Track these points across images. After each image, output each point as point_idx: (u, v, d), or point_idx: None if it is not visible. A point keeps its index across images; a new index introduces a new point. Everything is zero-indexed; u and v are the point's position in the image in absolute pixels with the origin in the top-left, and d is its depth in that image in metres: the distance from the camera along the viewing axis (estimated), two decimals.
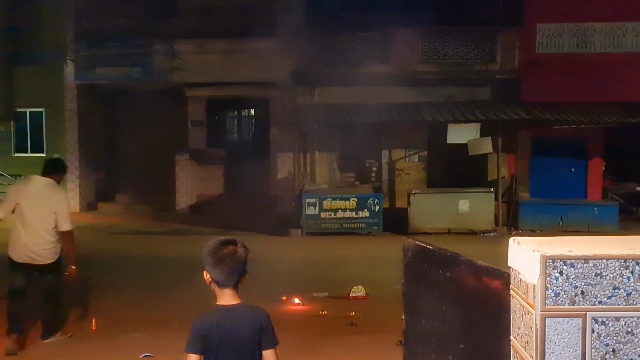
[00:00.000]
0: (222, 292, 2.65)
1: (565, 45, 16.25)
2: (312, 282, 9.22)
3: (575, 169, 16.61)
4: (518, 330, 1.66)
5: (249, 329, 2.61)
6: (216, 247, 2.63)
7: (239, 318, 2.63)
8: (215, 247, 2.63)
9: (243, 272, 2.69)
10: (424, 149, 16.92)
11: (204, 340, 2.59)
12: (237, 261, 2.64)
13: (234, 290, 2.66)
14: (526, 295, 1.58)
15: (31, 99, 17.79)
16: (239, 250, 2.66)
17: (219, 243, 2.65)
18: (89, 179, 18.61)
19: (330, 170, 17.13)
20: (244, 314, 2.65)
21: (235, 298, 2.67)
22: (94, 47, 17.40)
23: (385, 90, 16.52)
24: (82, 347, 6.27)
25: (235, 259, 2.63)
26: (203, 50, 17.13)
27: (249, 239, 12.12)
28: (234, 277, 2.65)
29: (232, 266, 2.62)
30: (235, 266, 2.63)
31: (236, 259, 2.64)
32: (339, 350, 6.12)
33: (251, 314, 2.67)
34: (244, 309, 2.67)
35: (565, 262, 1.49)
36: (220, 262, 2.60)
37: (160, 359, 5.85)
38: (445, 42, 16.68)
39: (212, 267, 2.62)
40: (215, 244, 2.64)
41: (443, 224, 14.74)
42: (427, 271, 2.58)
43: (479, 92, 16.62)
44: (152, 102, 18.06)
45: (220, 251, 2.62)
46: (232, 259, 2.62)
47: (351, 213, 14.89)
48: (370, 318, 7.22)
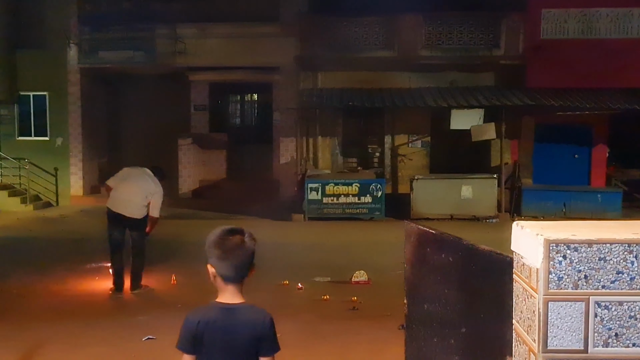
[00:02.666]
0: (226, 288, 2.40)
1: (571, 31, 16.13)
2: (314, 267, 9.25)
3: (579, 155, 16.55)
4: (521, 314, 1.66)
5: (248, 334, 2.38)
6: (222, 238, 2.37)
7: (239, 320, 2.39)
8: (221, 237, 2.37)
9: (251, 266, 2.43)
10: (427, 135, 16.88)
11: (195, 339, 2.35)
12: (245, 253, 2.39)
13: (239, 287, 2.42)
14: (529, 279, 1.58)
15: (34, 83, 17.76)
16: (247, 241, 2.40)
17: (225, 233, 2.38)
18: (91, 162, 18.62)
19: (332, 155, 17.11)
20: (245, 316, 2.40)
21: (238, 296, 2.42)
22: (97, 30, 17.34)
23: (388, 75, 16.47)
24: (84, 328, 6.31)
25: (243, 250, 2.38)
26: (206, 35, 17.05)
27: (251, 223, 12.26)
28: (242, 271, 2.40)
29: (239, 259, 2.37)
30: (243, 259, 2.38)
31: (244, 251, 2.39)
32: (341, 334, 6.15)
33: (253, 317, 2.42)
34: (246, 309, 2.41)
35: (569, 246, 1.49)
36: (226, 255, 2.35)
37: (163, 341, 5.88)
38: (449, 27, 16.57)
39: (218, 259, 2.35)
40: (221, 233, 2.38)
41: (445, 209, 14.74)
42: (430, 255, 2.58)
43: (483, 77, 16.54)
44: (154, 86, 18.05)
45: (227, 242, 2.36)
46: (240, 251, 2.37)
47: (353, 198, 14.90)
48: (372, 303, 7.25)
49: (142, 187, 7.72)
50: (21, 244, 12.01)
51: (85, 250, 10.93)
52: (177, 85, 17.89)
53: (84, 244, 11.67)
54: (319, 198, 14.88)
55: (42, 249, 11.54)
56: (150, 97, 18.36)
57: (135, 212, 7.70)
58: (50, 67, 17.64)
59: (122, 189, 7.78)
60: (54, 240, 12.38)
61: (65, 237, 12.77)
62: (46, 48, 17.53)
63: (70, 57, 17.69)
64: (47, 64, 17.61)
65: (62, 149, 17.96)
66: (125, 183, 7.80)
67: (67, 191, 17.91)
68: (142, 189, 7.71)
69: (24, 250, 11.32)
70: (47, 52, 17.54)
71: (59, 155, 17.86)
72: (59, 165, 17.73)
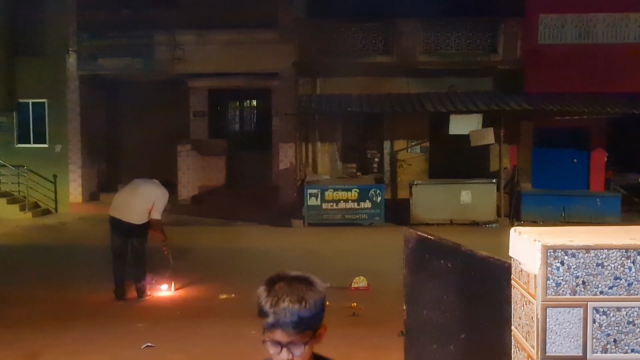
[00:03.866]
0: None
1: (568, 36, 16.18)
2: (314, 273, 9.11)
3: (577, 159, 16.57)
4: (519, 320, 1.66)
5: None
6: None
7: None
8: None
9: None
10: (426, 140, 16.89)
11: None
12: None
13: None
14: (527, 285, 1.58)
15: (33, 90, 17.76)
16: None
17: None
18: (91, 169, 18.62)
19: (332, 161, 17.12)
20: None
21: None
22: (96, 37, 17.37)
23: (387, 80, 16.49)
24: (84, 336, 6.30)
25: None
26: (204, 41, 17.09)
27: (251, 229, 12.24)
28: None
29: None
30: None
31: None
32: (340, 340, 6.13)
33: None
34: None
35: (566, 252, 1.49)
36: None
37: (161, 349, 5.87)
38: (447, 33, 16.62)
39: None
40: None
41: (445, 215, 14.74)
42: (429, 261, 2.58)
43: (481, 82, 16.57)
44: (153, 93, 18.06)
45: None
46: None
47: (353, 204, 14.90)
48: (372, 309, 7.24)
49: (143, 194, 7.76)
50: (20, 251, 11.99)
51: (84, 258, 10.93)
52: (176, 92, 17.91)
53: (83, 252, 11.66)
54: (319, 204, 14.88)
55: (41, 256, 11.52)
56: (149, 104, 18.37)
57: (133, 217, 7.69)
58: (49, 75, 17.65)
59: (123, 195, 7.95)
60: (54, 248, 12.37)
61: (65, 245, 12.76)
62: (45, 55, 17.55)
63: (69, 64, 17.71)
64: (46, 71, 17.63)
65: (61, 156, 17.95)
66: (127, 190, 7.97)
67: (66, 198, 17.89)
68: (142, 195, 7.75)
69: (23, 258, 11.31)
70: (46, 59, 17.56)
71: (58, 162, 17.85)
72: (58, 172, 17.72)
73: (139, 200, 7.71)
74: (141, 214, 7.72)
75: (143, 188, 7.85)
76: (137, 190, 7.84)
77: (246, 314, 7.00)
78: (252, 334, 6.32)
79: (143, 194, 7.75)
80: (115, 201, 7.92)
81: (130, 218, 7.68)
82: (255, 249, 11.88)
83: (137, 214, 7.70)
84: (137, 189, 7.87)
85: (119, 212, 7.73)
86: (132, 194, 7.83)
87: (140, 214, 7.71)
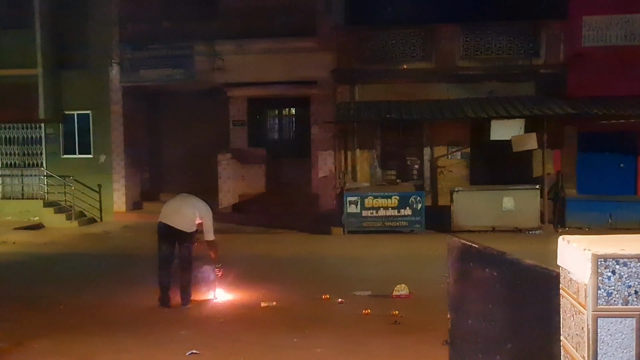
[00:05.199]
0: None
1: (613, 38, 15.82)
2: (354, 281, 9.21)
3: (624, 164, 16.13)
4: (569, 330, 1.62)
5: None
6: None
7: None
8: None
9: None
10: (467, 146, 16.70)
11: None
12: None
13: None
14: (577, 295, 1.55)
15: (78, 102, 18.21)
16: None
17: None
18: (134, 178, 18.97)
19: (371, 168, 17.07)
20: None
21: None
22: (138, 49, 17.74)
23: (426, 86, 16.39)
24: (130, 343, 6.40)
25: None
26: (243, 51, 17.28)
27: (290, 237, 12.33)
28: None
29: None
30: None
31: None
32: (383, 349, 6.10)
33: None
34: None
35: (617, 261, 1.45)
36: None
37: (205, 356, 5.93)
38: (487, 37, 16.43)
39: None
40: None
41: (487, 221, 14.54)
42: (473, 270, 2.54)
43: (523, 87, 16.32)
44: (194, 103, 18.34)
45: None
46: None
47: (393, 211, 14.82)
48: (414, 317, 7.18)
49: (194, 204, 8.12)
50: (67, 259, 12.29)
51: (129, 265, 11.13)
52: (215, 101, 18.13)
53: (127, 259, 11.88)
54: (358, 211, 14.85)
55: (87, 264, 11.79)
56: (189, 114, 18.65)
57: (184, 225, 7.94)
58: (93, 87, 18.08)
59: (173, 203, 8.28)
60: (99, 256, 12.64)
61: (110, 253, 13.02)
62: (89, 68, 17.99)
63: (112, 76, 18.11)
64: (90, 83, 18.07)
65: (105, 166, 18.35)
66: (177, 199, 8.35)
67: (110, 207, 18.28)
68: (193, 205, 8.10)
69: (71, 266, 11.58)
70: (90, 71, 17.99)
71: (102, 172, 18.25)
72: (103, 182, 18.12)
73: (190, 210, 8.03)
74: (191, 223, 7.99)
75: (191, 199, 8.22)
76: (187, 200, 8.20)
77: (288, 321, 7.06)
78: (295, 342, 6.34)
79: (193, 204, 8.09)
80: (166, 209, 8.20)
81: (182, 225, 7.93)
82: (296, 256, 11.92)
83: (188, 222, 7.97)
84: (186, 199, 8.25)
85: (170, 219, 7.99)
86: (182, 203, 8.18)
87: (190, 222, 7.98)
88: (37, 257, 12.27)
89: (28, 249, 13.26)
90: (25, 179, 18.46)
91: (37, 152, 18.59)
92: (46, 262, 11.79)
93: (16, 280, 9.74)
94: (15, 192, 18.45)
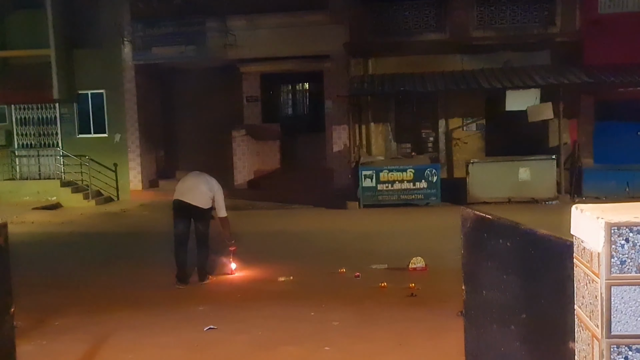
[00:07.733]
0: None
1: (630, 4, 15.52)
2: (371, 254, 9.24)
3: None
4: (582, 299, 1.62)
5: None
6: None
7: None
8: None
9: None
10: (482, 117, 16.57)
11: None
12: None
13: None
14: (590, 263, 1.54)
15: (92, 81, 18.27)
16: None
17: None
18: (149, 157, 19.08)
19: (386, 141, 17.02)
20: None
21: None
22: (150, 27, 17.71)
23: (440, 58, 16.24)
24: (149, 320, 6.50)
25: None
26: (255, 26, 17.18)
27: (306, 212, 12.32)
28: None
29: None
30: None
31: None
32: (399, 321, 6.14)
33: None
34: None
35: (631, 229, 1.44)
36: None
37: (224, 331, 6.00)
38: (501, 7, 16.19)
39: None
40: None
41: (503, 193, 14.48)
42: (487, 241, 2.54)
43: (538, 56, 16.10)
44: (207, 79, 18.32)
45: None
46: None
47: (408, 184, 14.80)
48: (430, 289, 7.20)
49: (208, 181, 8.09)
50: (86, 238, 12.44)
51: (146, 243, 11.25)
52: (228, 78, 18.11)
53: (146, 237, 12.01)
54: (374, 185, 14.84)
55: (105, 242, 11.93)
56: (203, 91, 18.65)
57: (201, 201, 7.94)
58: (106, 65, 18.11)
59: (187, 180, 8.22)
60: (117, 234, 12.78)
61: (127, 231, 13.16)
62: (101, 47, 18.01)
63: (124, 54, 18.12)
64: (103, 62, 18.10)
65: (121, 145, 18.45)
66: (191, 176, 8.27)
67: (126, 186, 18.43)
68: (207, 182, 8.07)
69: (89, 244, 11.73)
70: (102, 50, 18.01)
71: (118, 151, 18.37)
72: (118, 161, 18.25)
73: (205, 186, 8.01)
74: (207, 199, 7.98)
75: (204, 176, 8.18)
76: (201, 177, 8.14)
77: (305, 295, 7.11)
78: (312, 315, 6.40)
79: (207, 181, 8.07)
80: (181, 186, 8.18)
81: (198, 201, 7.93)
82: (311, 231, 11.96)
83: (204, 199, 7.97)
84: (200, 176, 8.18)
85: (186, 196, 7.98)
86: (197, 180, 8.12)
87: (206, 198, 7.98)
88: (56, 237, 12.43)
89: (46, 229, 13.43)
90: (42, 159, 18.62)
91: (53, 132, 18.72)
92: (65, 242, 11.94)
93: (35, 260, 9.89)
94: (32, 172, 18.63)
